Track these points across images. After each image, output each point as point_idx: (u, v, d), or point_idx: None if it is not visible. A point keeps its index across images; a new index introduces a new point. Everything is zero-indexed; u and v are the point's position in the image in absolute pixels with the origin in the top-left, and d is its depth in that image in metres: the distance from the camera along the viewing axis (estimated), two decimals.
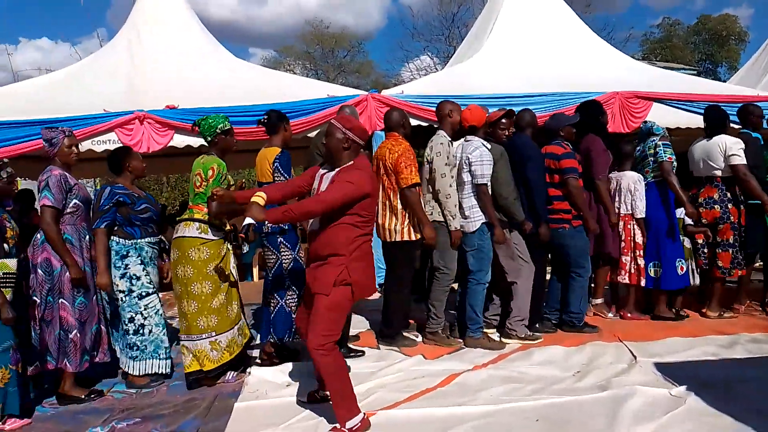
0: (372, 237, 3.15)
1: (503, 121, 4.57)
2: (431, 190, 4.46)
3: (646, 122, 5.36)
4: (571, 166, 4.62)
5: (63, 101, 5.85)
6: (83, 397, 3.78)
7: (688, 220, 5.12)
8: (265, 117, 4.24)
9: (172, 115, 5.57)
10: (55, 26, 50.27)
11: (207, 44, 6.97)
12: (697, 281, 5.27)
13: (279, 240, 4.09)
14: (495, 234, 4.40)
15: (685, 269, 5.00)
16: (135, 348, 3.94)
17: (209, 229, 3.86)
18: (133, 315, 3.93)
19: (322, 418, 3.25)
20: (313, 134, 5.27)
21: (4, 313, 3.30)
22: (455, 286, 4.71)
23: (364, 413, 3.05)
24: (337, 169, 3.07)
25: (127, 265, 3.91)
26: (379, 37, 43.06)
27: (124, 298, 3.92)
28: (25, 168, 6.46)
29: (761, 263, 5.56)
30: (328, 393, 3.22)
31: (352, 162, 3.06)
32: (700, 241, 5.14)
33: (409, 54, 27.71)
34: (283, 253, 4.10)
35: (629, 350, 4.19)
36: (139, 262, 3.95)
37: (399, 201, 4.33)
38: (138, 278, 3.94)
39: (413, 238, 4.35)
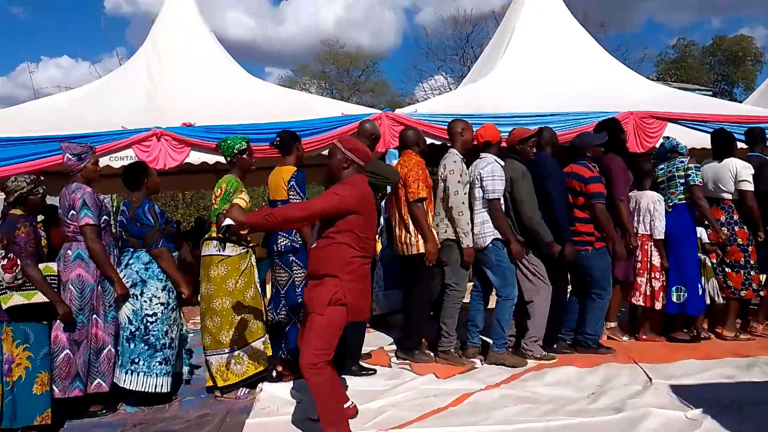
0: (371, 259, 3.14)
1: (533, 139, 4.62)
2: (444, 208, 4.48)
3: (668, 138, 5.31)
4: (598, 191, 4.56)
5: (82, 118, 5.94)
6: (98, 411, 3.82)
7: (705, 239, 5.06)
8: (278, 138, 4.31)
9: (188, 132, 5.64)
10: (75, 45, 51.37)
11: (224, 63, 7.06)
12: (719, 300, 5.12)
13: (291, 258, 4.15)
14: (512, 249, 4.39)
15: (701, 292, 4.92)
16: (167, 363, 3.95)
17: (227, 246, 3.94)
18: (167, 329, 3.97)
19: None
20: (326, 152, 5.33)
21: (61, 308, 3.45)
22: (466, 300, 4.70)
23: None
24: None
25: (167, 278, 3.97)
26: (393, 57, 43.50)
27: (163, 311, 3.94)
28: (44, 183, 6.54)
29: None
30: None
31: (348, 179, 3.08)
32: (713, 260, 5.09)
33: (423, 73, 27.78)
34: (295, 272, 4.15)
35: (644, 372, 4.15)
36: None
37: (407, 214, 4.39)
38: (172, 291, 4.02)
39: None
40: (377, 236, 5.48)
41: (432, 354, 4.68)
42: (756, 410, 3.36)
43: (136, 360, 3.85)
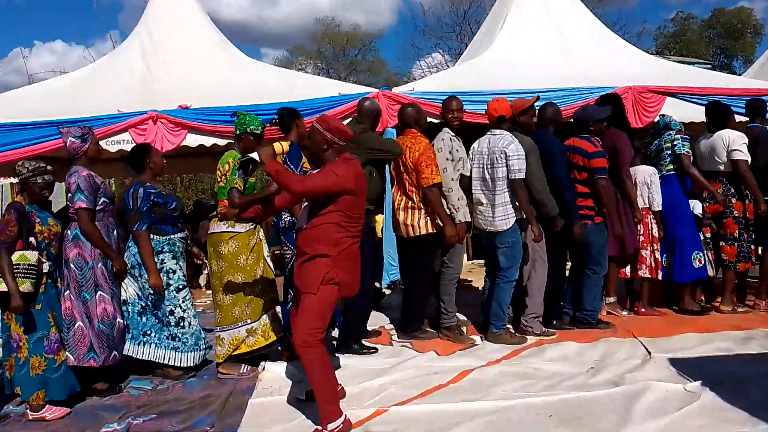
0: (359, 239, 3.14)
1: (534, 110, 4.57)
2: None
3: (663, 116, 5.31)
4: (601, 165, 4.52)
5: (77, 103, 5.92)
6: (105, 390, 3.88)
7: (698, 212, 5.08)
8: (277, 117, 4.29)
9: (184, 114, 5.62)
10: (68, 29, 50.84)
11: (219, 44, 7.01)
12: (714, 272, 5.21)
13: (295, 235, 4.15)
14: (533, 231, 4.35)
15: (703, 262, 4.96)
16: (177, 339, 4.04)
17: (236, 223, 3.96)
18: (173, 308, 4.04)
19: None
20: None
21: (13, 301, 3.40)
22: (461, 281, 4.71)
23: (346, 415, 3.05)
24: (323, 166, 3.07)
25: (163, 260, 4.01)
26: (390, 35, 43.08)
27: (163, 293, 4.00)
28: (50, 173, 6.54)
29: None
30: None
31: (338, 158, 3.06)
32: (707, 234, 5.13)
33: (420, 51, 27.65)
34: None
35: (643, 346, 4.18)
36: (173, 257, 4.05)
37: (419, 198, 4.37)
38: (174, 272, 4.05)
39: (434, 230, 4.39)
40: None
41: (434, 331, 4.71)
42: (754, 383, 3.38)
43: (148, 332, 4.00)
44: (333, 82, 7.37)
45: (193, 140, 5.70)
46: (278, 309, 4.26)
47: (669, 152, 5.01)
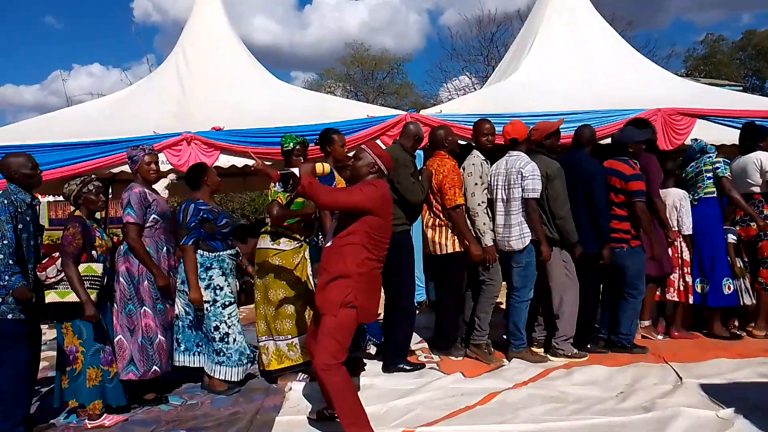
0: (382, 262, 3.18)
1: (559, 133, 4.60)
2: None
3: (697, 140, 5.28)
4: (639, 188, 4.51)
5: (114, 124, 6.10)
6: (150, 400, 3.98)
7: (731, 239, 5.01)
8: (318, 138, 4.50)
9: (217, 136, 5.76)
10: (106, 53, 52.46)
11: (251, 68, 7.18)
12: (749, 300, 5.06)
13: None
14: (542, 251, 4.38)
15: (732, 289, 4.87)
16: (221, 354, 4.12)
17: (281, 241, 4.11)
18: (218, 324, 4.12)
19: None
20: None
21: (87, 310, 3.54)
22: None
23: None
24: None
25: (211, 276, 4.11)
26: (417, 59, 43.43)
27: (209, 308, 4.10)
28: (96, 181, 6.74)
29: None
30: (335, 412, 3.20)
31: (372, 180, 3.15)
32: (746, 259, 5.05)
33: (447, 74, 27.71)
34: None
35: (674, 371, 4.11)
36: (221, 273, 4.15)
37: (445, 218, 4.43)
38: (221, 288, 4.14)
39: (461, 249, 4.45)
40: None
41: (463, 349, 4.73)
42: None
43: (199, 344, 4.18)
44: (362, 104, 7.47)
45: (225, 161, 5.82)
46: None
47: (709, 175, 4.95)
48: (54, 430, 3.68)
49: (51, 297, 3.53)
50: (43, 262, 3.55)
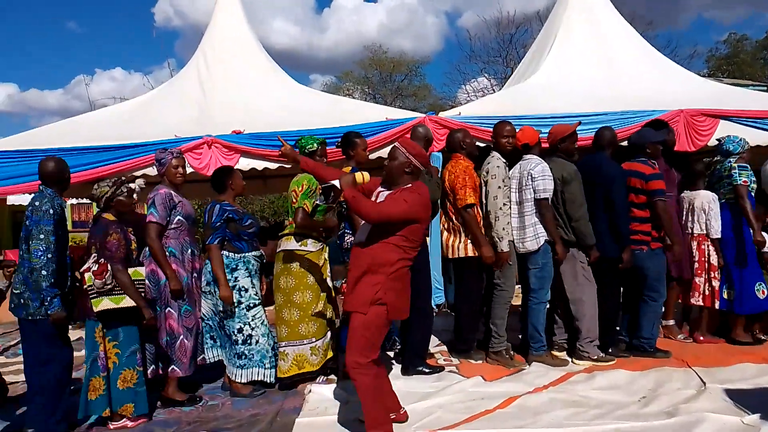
0: (412, 263, 3.17)
1: (576, 136, 4.60)
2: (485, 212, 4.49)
3: (719, 141, 5.18)
4: (659, 188, 4.49)
5: (137, 128, 6.17)
6: (185, 400, 4.04)
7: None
8: (340, 141, 4.52)
9: (237, 139, 5.79)
10: (128, 57, 53.16)
11: (271, 71, 7.22)
12: None
13: None
14: (557, 251, 4.37)
15: (767, 293, 4.79)
16: (243, 357, 4.15)
17: (308, 242, 4.11)
18: (242, 326, 4.14)
19: None
20: (375, 155, 5.43)
21: (147, 314, 3.64)
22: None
23: None
24: (395, 189, 3.13)
25: (236, 278, 4.14)
26: (436, 61, 43.24)
27: (233, 310, 4.12)
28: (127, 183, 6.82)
29: None
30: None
31: (411, 185, 3.12)
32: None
33: (466, 76, 27.65)
34: None
35: (698, 375, 4.05)
36: (247, 274, 4.18)
37: (458, 221, 4.42)
38: (246, 290, 4.17)
39: (473, 254, 4.42)
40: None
41: (483, 353, 4.71)
42: None
43: (223, 345, 4.25)
44: (380, 107, 7.47)
45: (245, 164, 5.85)
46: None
47: (727, 181, 4.89)
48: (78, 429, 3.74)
49: (104, 304, 3.56)
50: (94, 269, 3.56)
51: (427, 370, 4.39)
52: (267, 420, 3.69)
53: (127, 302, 3.59)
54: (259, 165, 5.84)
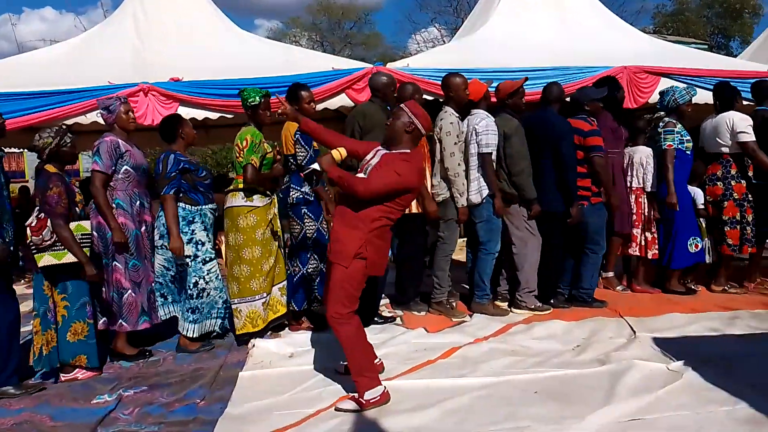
0: (393, 222, 3.15)
1: (522, 91, 4.61)
2: (441, 169, 4.47)
3: (661, 93, 5.19)
4: (597, 144, 4.60)
5: (69, 73, 5.83)
6: (133, 354, 3.97)
7: (699, 201, 5.13)
8: (287, 93, 4.32)
9: (176, 87, 5.56)
10: None
11: (212, 15, 6.89)
12: (710, 259, 5.25)
13: (303, 211, 4.26)
14: (494, 204, 4.45)
15: (700, 247, 5.01)
16: (196, 311, 4.08)
17: (254, 198, 4.03)
18: (197, 279, 4.06)
19: (325, 388, 3.33)
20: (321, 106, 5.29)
21: (89, 270, 3.51)
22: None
23: (385, 387, 3.10)
24: (391, 151, 3.07)
25: (193, 230, 4.04)
26: (387, 8, 42.52)
27: (189, 263, 4.03)
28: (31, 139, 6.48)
29: None
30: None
31: (408, 151, 3.06)
32: (704, 217, 5.18)
33: (416, 26, 27.33)
34: (307, 224, 4.26)
35: (629, 325, 4.23)
36: (203, 228, 4.09)
37: None
38: (203, 243, 4.07)
39: (417, 211, 4.44)
40: None
41: (425, 305, 4.78)
42: (738, 362, 3.44)
43: (177, 300, 4.16)
44: (327, 56, 7.30)
45: (184, 113, 5.60)
46: (284, 283, 4.31)
47: (658, 145, 4.99)
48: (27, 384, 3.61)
49: (46, 260, 3.44)
50: (33, 224, 3.42)
51: (379, 321, 4.47)
52: (210, 374, 3.66)
53: (70, 257, 3.47)
54: (200, 115, 5.65)
